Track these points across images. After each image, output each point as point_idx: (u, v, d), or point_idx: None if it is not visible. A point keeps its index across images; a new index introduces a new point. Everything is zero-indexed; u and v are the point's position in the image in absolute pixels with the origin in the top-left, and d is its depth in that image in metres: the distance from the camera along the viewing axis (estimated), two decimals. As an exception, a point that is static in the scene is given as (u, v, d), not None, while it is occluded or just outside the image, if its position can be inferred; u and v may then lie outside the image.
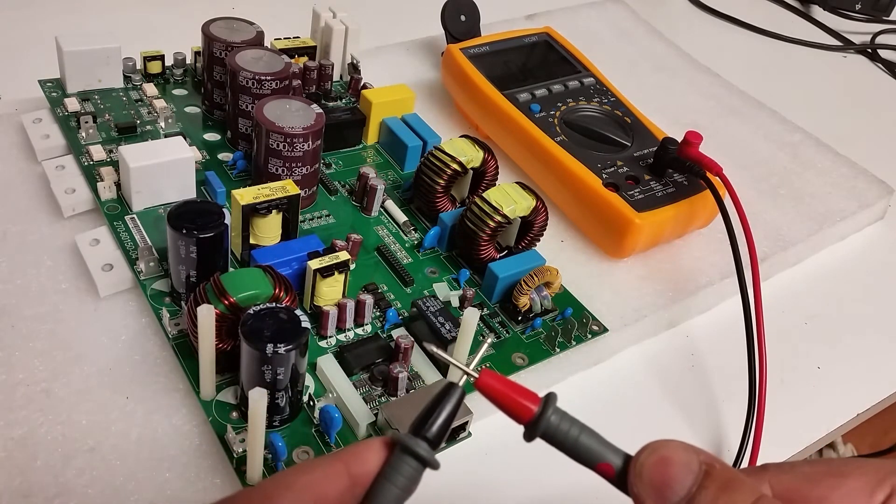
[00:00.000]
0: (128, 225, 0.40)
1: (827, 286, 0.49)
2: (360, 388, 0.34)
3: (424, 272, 0.41)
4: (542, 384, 0.39)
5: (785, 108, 0.61)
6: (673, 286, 0.44)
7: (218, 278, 0.33)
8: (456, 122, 0.54)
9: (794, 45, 0.75)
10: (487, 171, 0.44)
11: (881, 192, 0.54)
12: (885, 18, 0.81)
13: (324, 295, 0.36)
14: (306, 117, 0.41)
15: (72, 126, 0.44)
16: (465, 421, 0.33)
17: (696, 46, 0.68)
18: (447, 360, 0.24)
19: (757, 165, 0.54)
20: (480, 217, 0.40)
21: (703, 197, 0.45)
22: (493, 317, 0.39)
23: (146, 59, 0.49)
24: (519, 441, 0.25)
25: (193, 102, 0.49)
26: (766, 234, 0.48)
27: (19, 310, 0.36)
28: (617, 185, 0.45)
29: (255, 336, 0.30)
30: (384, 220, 0.44)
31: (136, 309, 0.37)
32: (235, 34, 0.46)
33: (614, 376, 0.40)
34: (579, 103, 0.50)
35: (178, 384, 0.34)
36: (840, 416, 0.41)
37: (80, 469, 0.31)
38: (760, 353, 0.39)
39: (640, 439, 0.38)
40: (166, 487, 0.31)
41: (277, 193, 0.38)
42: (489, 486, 0.35)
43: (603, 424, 0.38)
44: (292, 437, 0.32)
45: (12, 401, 0.33)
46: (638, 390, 0.39)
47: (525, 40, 0.55)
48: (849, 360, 0.44)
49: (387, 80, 0.52)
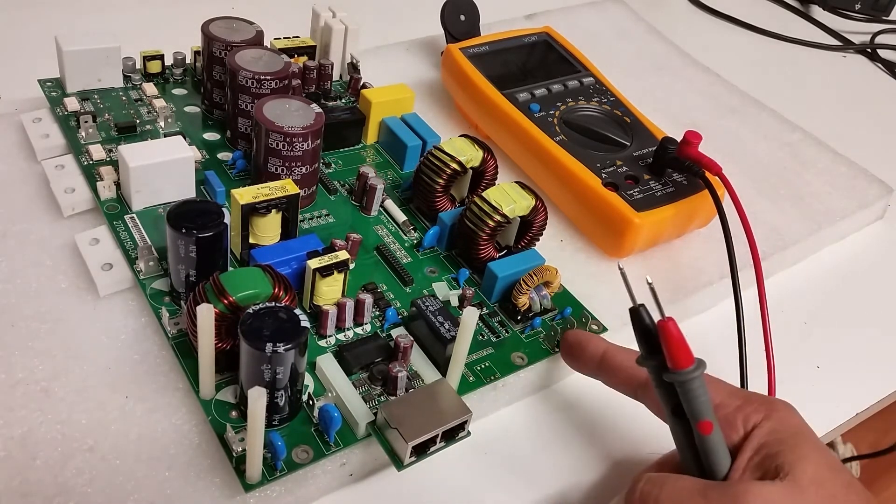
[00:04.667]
0: (127, 224, 0.40)
1: (826, 286, 0.49)
2: (359, 388, 0.34)
3: (424, 272, 0.41)
4: (541, 383, 0.39)
5: (785, 107, 0.61)
6: (672, 286, 0.44)
7: (217, 278, 0.33)
8: (455, 121, 0.54)
9: (794, 44, 0.75)
10: (487, 171, 0.44)
11: (880, 192, 0.54)
12: (884, 18, 0.81)
13: (323, 294, 0.36)
14: (306, 117, 0.41)
15: (71, 125, 0.44)
16: (465, 420, 0.33)
17: (695, 46, 0.68)
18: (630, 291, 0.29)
19: (756, 165, 0.55)
20: (480, 217, 0.40)
21: (703, 196, 0.45)
22: (493, 316, 0.39)
23: (146, 59, 0.49)
24: (518, 441, 0.25)
25: (193, 102, 0.49)
26: (765, 234, 0.48)
27: (19, 309, 0.36)
28: (616, 185, 0.45)
29: (254, 335, 0.30)
30: (384, 220, 0.44)
31: (135, 308, 0.37)
32: (235, 34, 0.46)
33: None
34: (579, 103, 0.50)
35: (178, 383, 0.34)
36: (840, 415, 0.41)
37: (79, 468, 0.31)
38: (768, 352, 0.39)
39: (639, 439, 0.38)
40: (166, 487, 0.31)
41: (277, 193, 0.38)
42: (489, 486, 0.35)
43: (603, 423, 0.38)
44: (292, 437, 0.32)
45: (12, 400, 0.33)
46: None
47: (525, 40, 0.55)
48: (848, 360, 0.44)
49: (386, 80, 0.52)
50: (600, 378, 0.36)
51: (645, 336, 0.29)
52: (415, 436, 0.31)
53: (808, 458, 0.28)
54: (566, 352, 0.37)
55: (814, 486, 0.27)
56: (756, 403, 0.31)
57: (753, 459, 0.29)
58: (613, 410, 0.39)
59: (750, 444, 0.29)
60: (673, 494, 0.29)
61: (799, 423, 0.30)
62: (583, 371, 0.37)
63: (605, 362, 0.35)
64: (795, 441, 0.29)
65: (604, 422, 0.38)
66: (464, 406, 0.33)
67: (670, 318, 0.28)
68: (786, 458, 0.28)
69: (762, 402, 0.31)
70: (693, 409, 0.28)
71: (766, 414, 0.30)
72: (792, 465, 0.28)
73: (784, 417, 0.30)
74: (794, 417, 0.30)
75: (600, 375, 0.35)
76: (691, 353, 0.28)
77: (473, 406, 0.33)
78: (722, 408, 0.30)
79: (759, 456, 0.29)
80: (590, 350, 0.36)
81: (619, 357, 0.35)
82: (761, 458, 0.29)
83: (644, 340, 0.29)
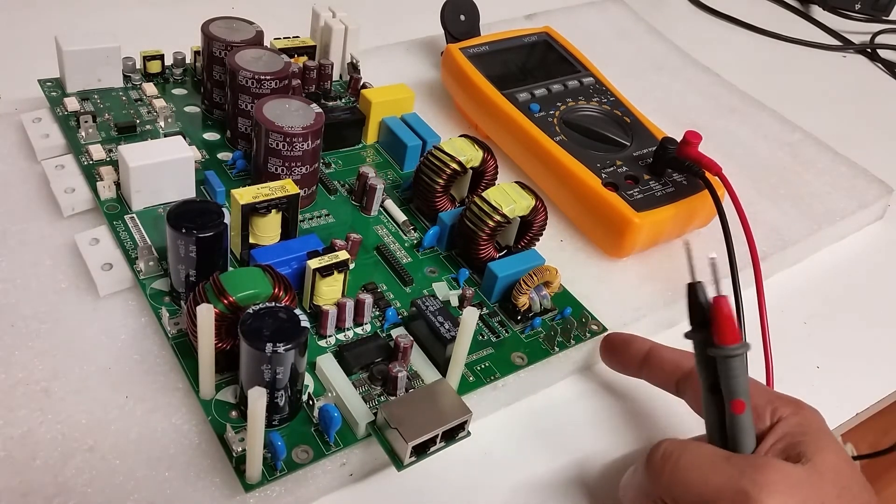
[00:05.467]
0: (127, 224, 0.40)
1: (826, 286, 0.49)
2: (359, 388, 0.34)
3: (424, 272, 0.41)
4: (541, 383, 0.39)
5: (785, 108, 0.61)
6: (672, 286, 0.44)
7: (217, 278, 0.33)
8: (455, 121, 0.54)
9: (794, 44, 0.75)
10: (487, 171, 0.44)
11: (880, 192, 0.54)
12: (884, 18, 0.81)
13: (323, 294, 0.36)
14: (306, 117, 0.41)
15: (71, 125, 0.44)
16: (465, 420, 0.33)
17: (695, 46, 0.68)
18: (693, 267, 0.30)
19: (756, 165, 0.55)
20: (480, 217, 0.40)
21: (703, 196, 0.45)
22: (493, 316, 0.39)
23: (146, 59, 0.49)
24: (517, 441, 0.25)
25: (193, 102, 0.49)
26: (765, 234, 0.48)
27: (19, 309, 0.36)
28: (616, 185, 0.45)
29: (254, 335, 0.30)
30: (384, 220, 0.44)
31: (135, 308, 0.37)
32: (235, 34, 0.46)
33: (613, 376, 0.40)
34: (579, 103, 0.50)
35: (178, 383, 0.34)
36: (839, 415, 0.41)
37: (79, 468, 0.31)
38: (766, 352, 0.39)
39: (638, 439, 0.38)
40: (165, 486, 0.31)
41: (277, 193, 0.38)
42: (489, 486, 0.35)
43: (602, 423, 0.38)
44: (292, 437, 0.32)
45: (11, 400, 0.33)
46: (637, 390, 0.39)
47: (525, 40, 0.55)
48: (848, 360, 0.44)
49: (386, 80, 0.52)
50: (642, 375, 0.37)
51: (696, 312, 0.30)
52: (415, 436, 0.31)
53: (829, 449, 0.30)
54: (608, 351, 0.39)
55: (832, 473, 0.29)
56: (785, 401, 0.32)
57: (777, 445, 0.30)
58: (615, 411, 0.39)
59: (775, 432, 0.31)
60: (695, 458, 0.30)
61: (823, 424, 0.32)
62: (624, 370, 0.38)
63: (651, 358, 0.36)
64: (818, 435, 0.30)
65: (604, 422, 0.38)
66: (464, 406, 0.33)
67: (724, 296, 0.29)
68: (808, 447, 0.29)
69: (791, 401, 0.32)
70: (730, 387, 0.29)
71: (794, 411, 0.31)
72: (814, 453, 0.29)
73: (809, 416, 0.31)
74: (818, 418, 0.32)
75: (643, 372, 0.37)
76: (739, 332, 0.29)
77: (473, 406, 0.33)
78: (753, 397, 0.31)
79: (782, 442, 0.30)
80: (635, 348, 0.37)
81: (666, 353, 0.36)
82: (785, 445, 0.30)
83: (695, 316, 0.30)
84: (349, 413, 0.33)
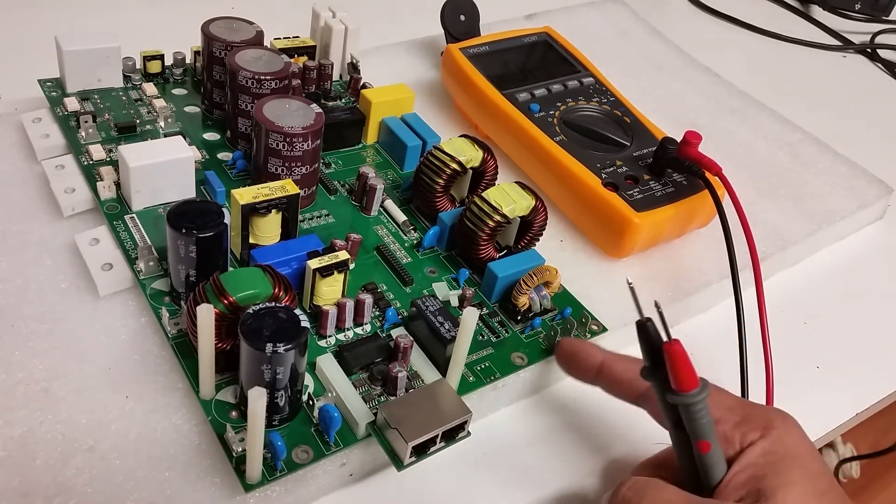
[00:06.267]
0: (127, 224, 0.40)
1: (826, 286, 0.49)
2: (359, 388, 0.34)
3: (424, 272, 0.41)
4: (541, 383, 0.39)
5: (785, 108, 0.61)
6: (672, 286, 0.44)
7: (217, 278, 0.33)
8: (455, 121, 0.54)
9: (794, 45, 0.75)
10: (487, 171, 0.44)
11: (880, 192, 0.54)
12: (884, 18, 0.81)
13: (323, 294, 0.37)
14: (306, 117, 0.41)
15: (71, 125, 0.44)
16: (465, 420, 0.33)
17: (695, 46, 0.68)
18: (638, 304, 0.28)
19: (756, 165, 0.55)
20: (480, 217, 0.40)
21: (703, 196, 0.45)
22: (493, 316, 0.39)
23: (146, 59, 0.49)
24: (518, 441, 0.25)
25: (193, 102, 0.49)
26: (765, 234, 0.48)
27: (19, 309, 0.36)
28: (616, 185, 0.45)
29: (254, 335, 0.30)
30: (384, 220, 0.44)
31: (135, 308, 0.37)
32: (235, 34, 0.46)
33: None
34: (579, 103, 0.50)
35: (178, 383, 0.34)
36: (839, 415, 0.41)
37: (79, 468, 0.31)
38: (766, 352, 0.39)
39: (638, 439, 0.38)
40: (165, 487, 0.31)
41: (277, 193, 0.38)
42: (489, 487, 0.35)
43: (603, 423, 0.38)
44: (292, 437, 0.32)
45: (12, 400, 0.33)
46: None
47: (524, 40, 0.55)
48: (848, 360, 0.44)
49: (386, 80, 0.52)
50: (599, 386, 0.35)
51: (650, 350, 0.28)
52: (415, 436, 0.31)
53: (794, 484, 0.28)
54: (562, 359, 0.37)
55: None
56: (755, 420, 0.30)
57: (740, 478, 0.29)
58: (614, 411, 0.39)
59: (740, 462, 0.29)
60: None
61: (795, 444, 0.30)
62: (580, 379, 0.36)
63: (603, 372, 0.35)
64: (784, 466, 0.29)
65: (604, 422, 0.38)
66: (464, 406, 0.33)
67: (676, 340, 0.27)
68: (769, 483, 0.28)
69: (761, 418, 0.31)
70: (694, 430, 0.29)
71: (763, 433, 0.30)
72: (774, 490, 0.28)
73: (781, 436, 0.30)
74: (791, 436, 0.30)
75: (598, 384, 0.35)
76: (696, 376, 0.28)
77: (473, 406, 0.33)
78: (721, 423, 0.30)
79: (745, 475, 0.29)
80: (587, 360, 0.35)
81: (619, 367, 0.34)
82: (747, 478, 0.29)
83: (650, 354, 0.29)
84: (349, 413, 0.33)
